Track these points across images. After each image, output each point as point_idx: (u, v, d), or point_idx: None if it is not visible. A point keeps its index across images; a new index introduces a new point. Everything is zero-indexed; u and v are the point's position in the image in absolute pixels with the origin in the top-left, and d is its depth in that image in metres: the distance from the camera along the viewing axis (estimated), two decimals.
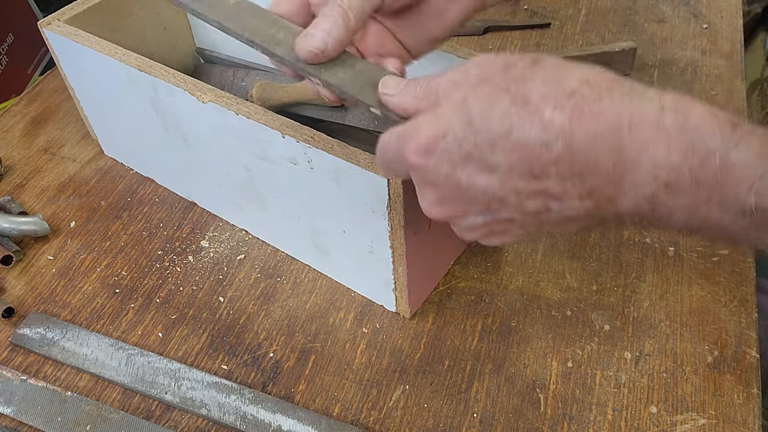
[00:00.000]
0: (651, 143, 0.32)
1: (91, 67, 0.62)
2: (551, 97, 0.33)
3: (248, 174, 0.57)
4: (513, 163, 0.34)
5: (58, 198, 0.70)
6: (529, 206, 0.35)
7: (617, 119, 0.32)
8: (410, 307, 0.56)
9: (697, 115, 0.32)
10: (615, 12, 0.90)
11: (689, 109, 0.32)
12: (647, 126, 0.32)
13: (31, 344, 0.56)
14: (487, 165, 0.35)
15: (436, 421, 0.51)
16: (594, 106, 0.32)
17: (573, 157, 0.33)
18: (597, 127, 0.32)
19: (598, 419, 0.50)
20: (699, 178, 0.32)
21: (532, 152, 0.33)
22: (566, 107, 0.33)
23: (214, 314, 0.59)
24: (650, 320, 0.56)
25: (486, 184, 0.35)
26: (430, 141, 0.36)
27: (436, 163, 0.36)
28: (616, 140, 0.32)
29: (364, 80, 0.43)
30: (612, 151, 0.32)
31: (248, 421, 0.51)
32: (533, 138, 0.33)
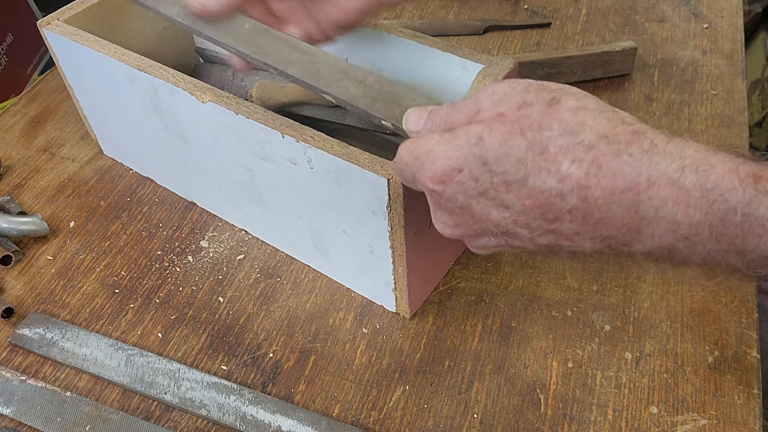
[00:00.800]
0: (670, 202, 0.32)
1: (90, 66, 0.62)
2: (569, 150, 0.33)
3: (248, 174, 0.57)
4: (527, 206, 0.34)
5: (57, 198, 0.70)
6: (540, 241, 0.36)
7: (635, 177, 0.32)
8: (410, 307, 0.56)
9: (717, 172, 0.31)
10: (615, 12, 0.90)
11: (710, 167, 0.32)
12: (666, 185, 0.32)
13: (30, 344, 0.56)
14: (502, 203, 0.35)
15: (436, 422, 0.50)
16: (612, 162, 0.32)
17: (588, 209, 0.33)
18: (614, 184, 0.32)
19: (598, 419, 0.50)
20: (719, 233, 0.31)
21: (547, 200, 0.33)
22: (584, 162, 0.32)
23: (213, 314, 0.58)
24: (651, 320, 0.56)
25: (499, 218, 0.36)
26: (447, 172, 0.36)
27: (452, 193, 0.37)
28: (633, 197, 0.32)
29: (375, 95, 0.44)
30: (629, 207, 0.32)
31: (248, 421, 0.50)
32: (549, 187, 0.33)
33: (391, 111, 0.43)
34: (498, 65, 0.53)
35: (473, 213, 0.37)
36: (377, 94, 0.44)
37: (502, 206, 0.35)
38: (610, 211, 0.33)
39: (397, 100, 0.43)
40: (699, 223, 0.31)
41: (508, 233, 0.37)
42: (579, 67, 0.78)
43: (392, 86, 0.44)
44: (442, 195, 0.37)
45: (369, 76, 0.45)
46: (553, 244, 0.36)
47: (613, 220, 0.33)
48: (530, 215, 0.35)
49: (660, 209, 0.32)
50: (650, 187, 0.32)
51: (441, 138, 0.37)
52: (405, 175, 0.40)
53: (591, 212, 0.33)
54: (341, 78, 0.45)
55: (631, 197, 0.32)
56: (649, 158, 0.32)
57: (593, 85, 0.79)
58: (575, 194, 0.33)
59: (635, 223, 0.33)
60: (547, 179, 0.33)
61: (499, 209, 0.36)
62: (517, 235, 0.36)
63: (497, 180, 0.34)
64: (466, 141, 0.35)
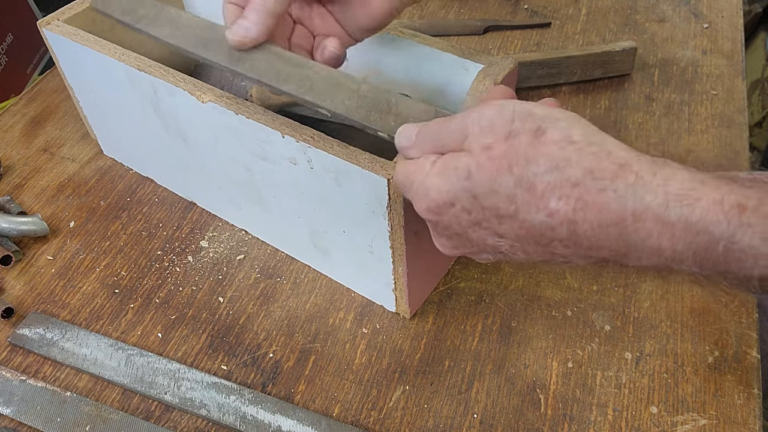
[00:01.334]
0: (655, 233, 0.32)
1: (90, 66, 0.62)
2: (556, 187, 0.34)
3: (248, 174, 0.57)
4: (521, 236, 0.36)
5: (57, 198, 0.70)
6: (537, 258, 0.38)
7: (621, 211, 0.33)
8: (410, 307, 0.56)
9: (702, 205, 0.32)
10: (615, 11, 0.90)
11: (695, 200, 0.32)
12: (650, 219, 0.32)
13: (30, 344, 0.56)
14: (496, 232, 0.37)
15: (436, 422, 0.50)
16: (598, 198, 0.33)
17: (578, 240, 0.34)
18: (601, 218, 0.33)
19: (598, 420, 0.50)
20: (702, 259, 0.32)
21: (538, 231, 0.35)
22: (570, 198, 0.33)
23: (213, 314, 0.58)
24: (651, 320, 0.56)
25: (496, 244, 0.38)
26: (440, 205, 0.38)
27: (448, 223, 0.39)
28: (620, 230, 0.33)
29: (370, 105, 0.44)
30: (616, 238, 0.33)
31: (248, 421, 0.50)
32: (539, 222, 0.35)
33: (387, 122, 0.44)
34: (498, 65, 0.53)
35: (470, 239, 0.39)
36: (372, 104, 0.44)
37: (497, 235, 0.37)
38: (599, 241, 0.34)
39: (392, 109, 0.44)
40: (683, 251, 0.32)
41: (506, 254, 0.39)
42: (579, 67, 0.78)
43: (386, 95, 0.45)
44: (438, 224, 0.39)
45: (362, 86, 0.45)
46: (549, 260, 0.38)
47: (602, 248, 0.34)
48: (525, 242, 0.36)
49: (646, 240, 0.33)
50: (636, 221, 0.33)
51: (431, 169, 0.38)
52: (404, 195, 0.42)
53: (581, 242, 0.34)
54: (335, 90, 0.45)
55: (618, 231, 0.33)
56: (633, 192, 0.33)
57: (593, 85, 0.79)
58: (564, 227, 0.34)
59: (623, 249, 0.34)
60: (536, 215, 0.34)
61: (494, 237, 0.37)
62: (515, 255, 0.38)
63: (489, 214, 0.36)
64: (456, 176, 0.37)
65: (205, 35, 0.49)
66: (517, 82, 0.77)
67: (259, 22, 0.46)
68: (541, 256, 0.37)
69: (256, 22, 0.46)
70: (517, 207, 0.35)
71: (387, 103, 0.44)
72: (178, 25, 0.50)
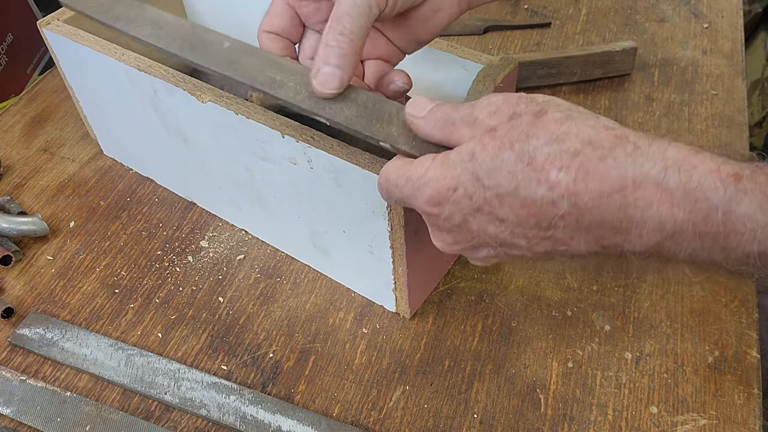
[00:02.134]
0: (655, 202, 0.33)
1: (90, 66, 0.62)
2: (556, 158, 0.34)
3: (248, 174, 0.57)
4: (521, 217, 0.36)
5: (57, 198, 0.70)
6: (538, 249, 0.37)
7: (621, 180, 0.33)
8: (410, 307, 0.56)
9: (700, 172, 0.32)
10: (615, 11, 0.90)
11: (692, 167, 0.33)
12: (650, 186, 0.33)
13: (30, 344, 0.56)
14: (497, 217, 0.36)
15: (436, 422, 0.50)
16: (598, 167, 0.33)
17: (579, 214, 0.34)
18: (601, 188, 0.33)
19: (598, 420, 0.50)
20: (702, 231, 0.33)
21: (540, 209, 0.35)
22: (571, 168, 0.34)
23: (213, 314, 0.58)
24: (651, 320, 0.56)
25: (496, 231, 0.37)
26: (442, 193, 0.38)
27: (449, 213, 0.38)
28: (621, 200, 0.33)
29: (371, 115, 0.43)
30: (617, 209, 0.33)
31: (248, 421, 0.50)
32: (540, 196, 0.34)
33: (389, 132, 0.42)
34: (498, 65, 0.53)
35: (471, 230, 0.38)
36: (372, 114, 0.43)
37: (498, 220, 0.37)
38: (600, 214, 0.34)
39: (394, 119, 0.43)
40: (683, 221, 0.33)
41: (506, 244, 0.38)
42: (579, 67, 0.78)
43: (387, 104, 0.43)
44: (439, 216, 0.39)
45: (360, 95, 0.44)
46: (550, 250, 0.37)
47: (603, 223, 0.34)
48: (526, 225, 0.36)
49: (646, 210, 0.33)
50: (636, 189, 0.33)
51: (433, 162, 0.38)
52: (393, 195, 0.41)
53: (582, 216, 0.34)
54: (334, 99, 0.43)
55: (619, 200, 0.33)
56: (633, 161, 0.33)
57: (593, 85, 0.79)
58: (566, 200, 0.34)
59: (624, 224, 0.34)
60: (537, 189, 0.34)
61: (495, 224, 0.37)
62: (515, 245, 0.38)
63: (490, 194, 0.36)
64: (460, 159, 0.37)
65: (190, 37, 0.47)
66: (517, 82, 0.77)
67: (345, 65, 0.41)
68: (542, 244, 0.37)
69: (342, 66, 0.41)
70: (518, 183, 0.35)
71: (389, 114, 0.43)
72: (161, 25, 0.48)
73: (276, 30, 0.48)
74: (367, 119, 0.43)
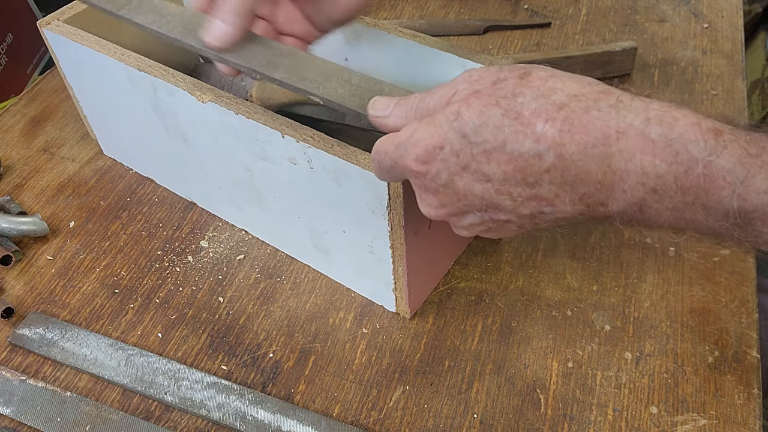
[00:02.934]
0: (638, 153, 0.33)
1: (90, 66, 0.62)
2: (542, 111, 0.34)
3: (248, 174, 0.57)
4: (507, 173, 0.36)
5: (57, 198, 0.70)
6: (523, 210, 0.37)
7: (605, 130, 0.34)
8: (410, 307, 0.56)
9: (681, 125, 0.33)
10: (615, 11, 0.90)
11: (674, 120, 0.34)
12: (633, 136, 0.33)
13: (30, 344, 0.56)
14: (484, 174, 0.36)
15: (436, 422, 0.50)
16: (583, 118, 0.34)
17: (565, 166, 0.34)
18: (587, 138, 0.34)
19: (598, 420, 0.50)
20: (684, 185, 0.33)
21: (526, 163, 0.35)
22: (557, 120, 0.34)
23: (213, 314, 0.58)
24: (651, 320, 0.56)
25: (482, 190, 0.37)
26: (429, 151, 0.38)
27: (436, 172, 0.38)
28: (605, 150, 0.34)
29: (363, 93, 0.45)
30: (602, 161, 0.34)
31: (248, 421, 0.50)
32: (526, 149, 0.35)
33: None
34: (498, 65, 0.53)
35: (457, 190, 0.38)
36: (365, 93, 0.44)
37: (484, 178, 0.37)
38: (585, 166, 0.34)
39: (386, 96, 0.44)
40: (665, 173, 0.33)
41: (492, 206, 0.38)
42: (579, 67, 0.78)
43: (378, 84, 0.45)
44: (426, 175, 0.38)
45: (354, 76, 0.46)
46: (535, 212, 0.37)
47: (588, 176, 0.34)
48: (511, 182, 0.36)
49: (629, 161, 0.33)
50: (619, 139, 0.33)
51: (420, 124, 0.38)
52: (384, 164, 0.41)
53: (568, 169, 0.34)
54: (327, 79, 0.46)
55: (604, 150, 0.34)
56: (616, 112, 0.34)
57: None
58: (552, 152, 0.34)
59: (608, 177, 0.34)
60: (524, 141, 0.35)
61: (481, 182, 0.37)
62: (501, 207, 0.37)
63: (477, 150, 0.36)
64: (446, 119, 0.37)
65: (192, 24, 0.49)
66: None
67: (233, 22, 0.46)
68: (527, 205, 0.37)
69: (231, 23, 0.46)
70: (505, 137, 0.35)
71: (380, 92, 0.44)
72: (163, 14, 0.50)
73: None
74: (360, 98, 0.44)
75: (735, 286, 0.57)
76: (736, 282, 0.58)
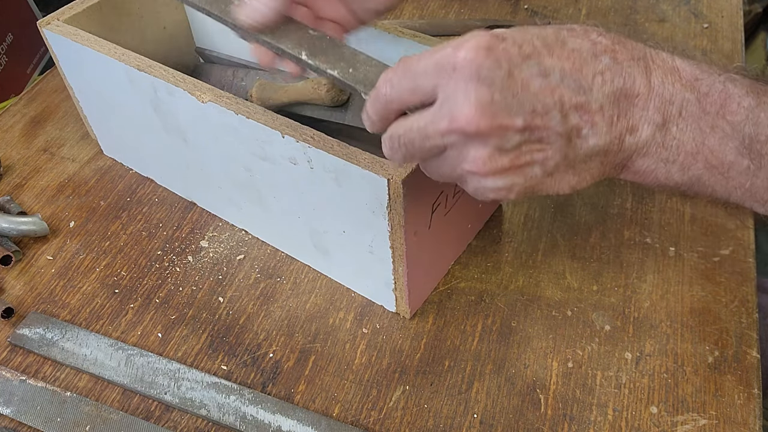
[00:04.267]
0: (669, 74, 0.38)
1: (90, 66, 0.62)
2: (591, 30, 0.38)
3: (248, 174, 0.57)
4: (566, 70, 0.36)
5: (57, 198, 0.70)
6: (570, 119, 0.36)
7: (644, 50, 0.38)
8: (410, 307, 0.56)
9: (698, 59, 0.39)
10: (615, 11, 0.90)
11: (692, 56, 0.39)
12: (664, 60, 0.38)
13: (30, 344, 0.56)
14: (543, 69, 0.36)
15: (436, 422, 0.50)
16: (626, 41, 0.38)
17: (617, 70, 0.37)
18: (633, 52, 0.38)
19: (598, 420, 0.50)
20: (705, 107, 0.37)
21: (585, 60, 0.37)
22: (607, 36, 0.38)
23: (213, 314, 0.58)
24: (651, 320, 0.56)
25: (539, 86, 0.36)
26: (491, 41, 0.35)
27: (495, 61, 0.35)
28: (646, 65, 0.37)
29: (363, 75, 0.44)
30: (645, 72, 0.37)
31: (248, 421, 0.50)
32: (586, 48, 0.37)
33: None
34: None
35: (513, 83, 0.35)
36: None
37: (543, 73, 0.36)
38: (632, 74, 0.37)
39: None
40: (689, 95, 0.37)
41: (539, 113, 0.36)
42: None
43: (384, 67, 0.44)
44: (483, 65, 0.35)
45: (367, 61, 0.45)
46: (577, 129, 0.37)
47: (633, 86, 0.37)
48: (567, 82, 0.36)
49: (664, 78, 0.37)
50: (654, 60, 0.38)
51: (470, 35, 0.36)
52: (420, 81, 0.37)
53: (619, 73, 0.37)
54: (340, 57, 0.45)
55: (645, 65, 0.37)
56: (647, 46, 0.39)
57: None
58: (607, 56, 0.37)
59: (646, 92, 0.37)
60: (583, 42, 0.37)
61: (539, 78, 0.36)
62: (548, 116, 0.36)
63: (540, 43, 0.36)
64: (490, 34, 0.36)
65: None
66: None
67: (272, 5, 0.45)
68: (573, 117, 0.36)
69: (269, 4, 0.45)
70: (565, 38, 0.37)
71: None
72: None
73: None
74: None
75: (735, 286, 0.57)
76: (736, 282, 0.58)
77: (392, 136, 0.39)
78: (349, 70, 0.44)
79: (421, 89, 0.37)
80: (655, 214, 0.64)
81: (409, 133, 0.38)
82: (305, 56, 0.45)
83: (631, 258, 0.60)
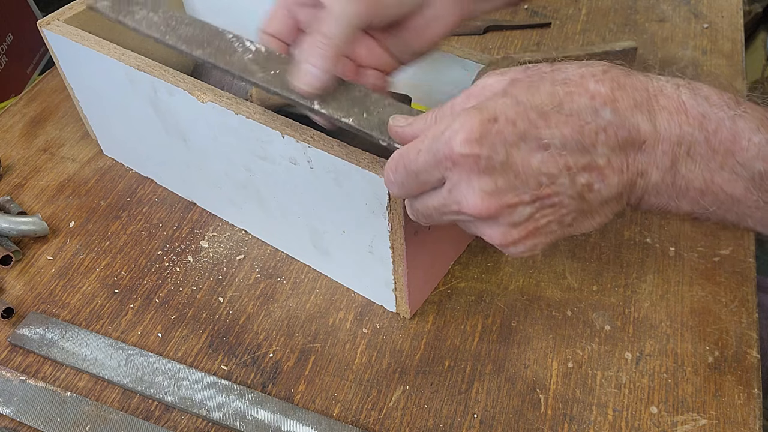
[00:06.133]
0: (674, 113, 0.36)
1: (90, 66, 0.62)
2: (589, 75, 0.36)
3: (248, 174, 0.57)
4: (566, 136, 0.35)
5: (57, 198, 0.70)
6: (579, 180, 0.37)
7: (647, 88, 0.37)
8: (410, 307, 0.56)
9: (705, 91, 0.37)
10: (615, 11, 0.90)
11: (698, 87, 0.37)
12: (669, 96, 0.37)
13: (30, 344, 0.56)
14: (543, 143, 0.36)
15: (436, 422, 0.50)
16: (626, 80, 0.37)
17: (620, 123, 0.36)
18: (634, 96, 0.36)
19: (598, 420, 0.50)
20: (714, 145, 0.36)
21: (584, 121, 0.36)
22: (605, 81, 0.36)
23: (213, 314, 0.58)
24: (651, 320, 0.56)
25: (540, 161, 0.36)
26: (483, 127, 0.35)
27: (490, 149, 0.35)
28: (650, 106, 0.36)
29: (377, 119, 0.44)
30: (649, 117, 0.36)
31: (248, 421, 0.50)
32: (584, 106, 0.36)
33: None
34: (498, 65, 0.53)
35: (514, 165, 0.36)
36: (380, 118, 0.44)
37: (543, 147, 0.36)
38: (636, 123, 0.36)
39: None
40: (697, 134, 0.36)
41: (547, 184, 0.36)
42: None
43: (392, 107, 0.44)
44: (480, 156, 0.35)
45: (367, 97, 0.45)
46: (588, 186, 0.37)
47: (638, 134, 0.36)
48: (569, 147, 0.36)
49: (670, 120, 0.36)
50: (658, 97, 0.37)
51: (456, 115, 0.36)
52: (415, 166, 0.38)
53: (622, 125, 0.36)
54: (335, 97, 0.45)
55: (648, 108, 0.36)
56: (649, 79, 0.37)
57: None
58: (608, 108, 0.36)
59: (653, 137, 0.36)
60: (580, 99, 0.36)
61: (539, 151, 0.36)
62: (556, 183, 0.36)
63: (534, 114, 0.36)
64: (492, 96, 0.37)
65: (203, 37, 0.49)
66: None
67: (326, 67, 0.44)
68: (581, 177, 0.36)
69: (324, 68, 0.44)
70: (561, 99, 0.36)
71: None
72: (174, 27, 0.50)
73: (274, 32, 0.49)
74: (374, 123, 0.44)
75: (735, 286, 0.57)
76: (736, 282, 0.58)
77: (413, 208, 0.42)
78: (363, 116, 0.44)
79: (429, 183, 0.39)
80: (655, 214, 0.64)
81: (426, 209, 0.40)
82: (317, 105, 0.45)
83: (631, 258, 0.60)
